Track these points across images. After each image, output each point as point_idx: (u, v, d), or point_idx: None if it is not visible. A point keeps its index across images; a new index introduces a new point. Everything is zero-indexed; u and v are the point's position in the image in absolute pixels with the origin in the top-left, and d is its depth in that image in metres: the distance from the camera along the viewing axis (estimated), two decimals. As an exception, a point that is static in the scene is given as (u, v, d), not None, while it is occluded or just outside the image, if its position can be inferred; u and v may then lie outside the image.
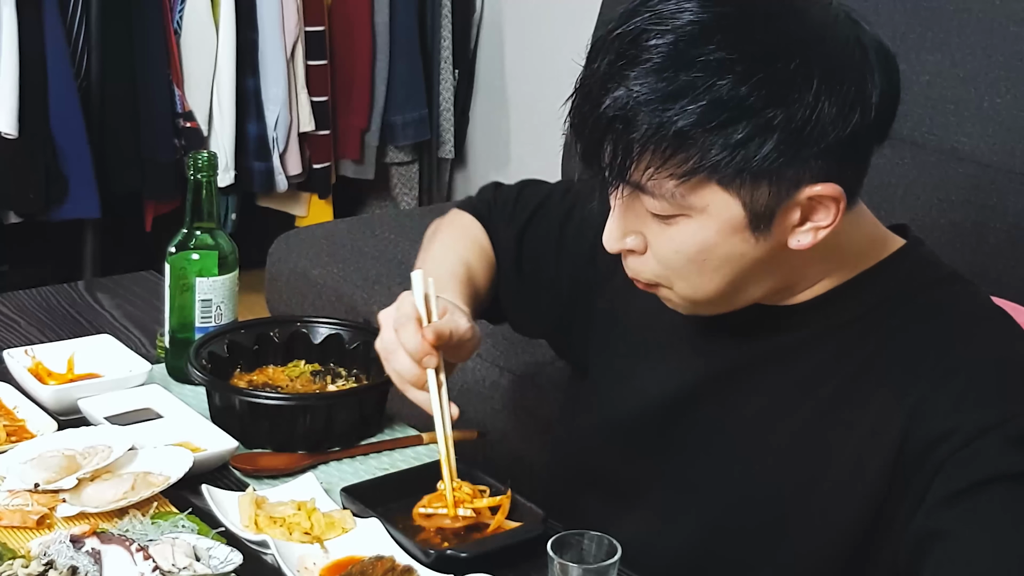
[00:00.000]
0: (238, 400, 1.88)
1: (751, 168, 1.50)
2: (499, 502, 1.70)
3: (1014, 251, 2.74)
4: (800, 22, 1.53)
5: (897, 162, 2.91)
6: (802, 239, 1.57)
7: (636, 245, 1.61)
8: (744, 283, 1.61)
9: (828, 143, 1.51)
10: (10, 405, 1.91)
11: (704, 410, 1.72)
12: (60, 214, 3.99)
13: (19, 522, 1.65)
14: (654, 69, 1.49)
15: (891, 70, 1.58)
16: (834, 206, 1.55)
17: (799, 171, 1.52)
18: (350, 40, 4.41)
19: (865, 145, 1.57)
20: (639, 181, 1.53)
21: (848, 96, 1.52)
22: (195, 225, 2.00)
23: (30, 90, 3.83)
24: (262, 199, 4.48)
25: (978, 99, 2.81)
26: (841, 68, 1.52)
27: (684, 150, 1.49)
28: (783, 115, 1.49)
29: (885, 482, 1.58)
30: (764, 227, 1.55)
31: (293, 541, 1.64)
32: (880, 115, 1.56)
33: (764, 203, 1.53)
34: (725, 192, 1.52)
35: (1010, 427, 1.52)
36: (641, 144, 1.50)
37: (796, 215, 1.55)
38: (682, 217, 1.55)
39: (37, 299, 2.32)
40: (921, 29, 2.93)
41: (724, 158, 1.49)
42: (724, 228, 1.55)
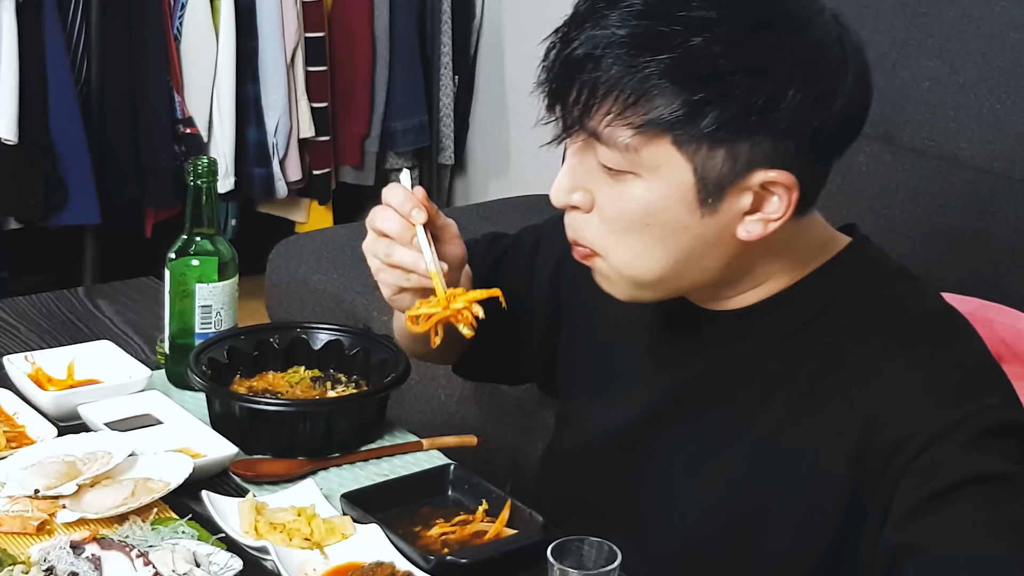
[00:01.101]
0: (238, 406, 1.88)
1: (708, 132, 1.50)
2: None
3: (1014, 257, 2.73)
4: (788, 4, 1.54)
5: (897, 168, 2.91)
6: (752, 228, 1.56)
7: (582, 201, 1.59)
8: (684, 265, 1.59)
9: (788, 128, 1.51)
10: (10, 411, 1.91)
11: (669, 428, 1.72)
12: (60, 220, 3.99)
13: (19, 528, 1.64)
14: (633, 14, 1.50)
15: (865, 81, 1.58)
16: (786, 196, 1.55)
17: (755, 150, 1.52)
18: (350, 46, 4.41)
19: (826, 146, 1.56)
20: (596, 127, 1.53)
21: (817, 90, 1.52)
22: (195, 231, 2.00)
23: (30, 96, 3.83)
24: (262, 205, 4.48)
25: (978, 105, 2.81)
26: (816, 61, 1.53)
27: (646, 100, 1.49)
28: (748, 86, 1.49)
29: (848, 491, 1.57)
30: (712, 202, 1.54)
31: (293, 547, 1.64)
32: (846, 119, 1.56)
33: (716, 175, 1.52)
34: (679, 152, 1.52)
35: (967, 428, 1.50)
36: (606, 86, 1.50)
37: (747, 200, 1.55)
38: (632, 176, 1.54)
39: (37, 305, 2.32)
40: (921, 35, 2.93)
41: (683, 115, 1.49)
42: (672, 193, 1.54)
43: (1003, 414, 1.53)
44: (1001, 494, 1.48)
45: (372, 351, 1.98)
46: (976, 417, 1.51)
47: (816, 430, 1.59)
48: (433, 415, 2.95)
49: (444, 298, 1.71)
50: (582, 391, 1.86)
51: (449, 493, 1.78)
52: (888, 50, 2.97)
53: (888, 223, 2.90)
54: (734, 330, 1.67)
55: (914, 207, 2.87)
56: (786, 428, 1.62)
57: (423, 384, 2.96)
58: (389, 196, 1.75)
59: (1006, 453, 1.50)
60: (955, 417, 1.51)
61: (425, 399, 2.97)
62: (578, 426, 1.85)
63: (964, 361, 1.59)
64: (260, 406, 1.87)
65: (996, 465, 1.49)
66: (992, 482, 1.48)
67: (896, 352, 1.58)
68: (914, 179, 2.89)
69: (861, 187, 2.96)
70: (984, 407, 1.52)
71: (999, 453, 1.50)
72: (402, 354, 1.95)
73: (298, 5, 4.24)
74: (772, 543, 1.63)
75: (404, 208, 1.74)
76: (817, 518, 1.59)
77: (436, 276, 1.72)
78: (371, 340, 2.01)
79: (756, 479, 1.64)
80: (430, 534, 1.69)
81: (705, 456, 1.68)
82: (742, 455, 1.65)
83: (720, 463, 1.66)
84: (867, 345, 1.60)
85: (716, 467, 1.67)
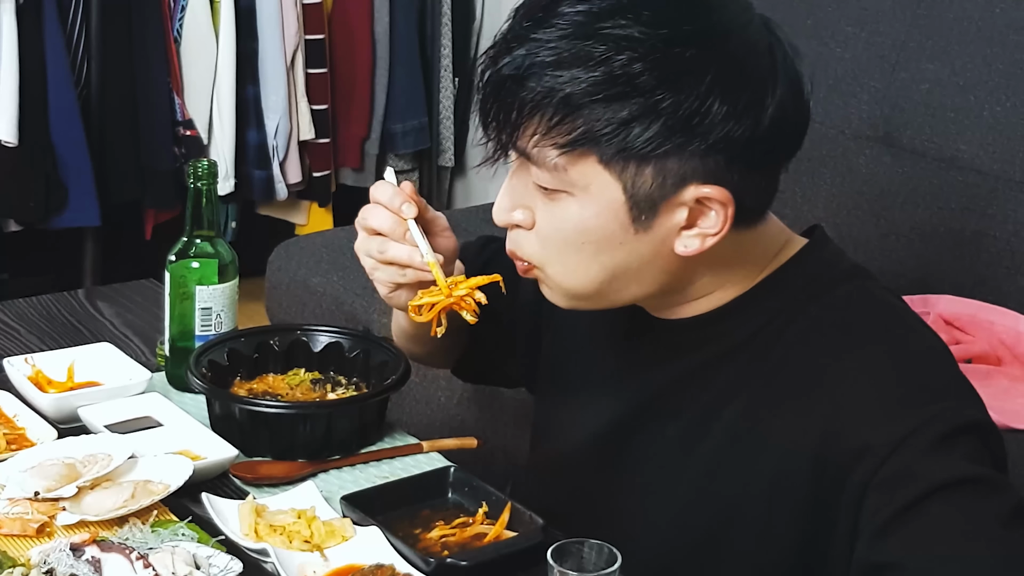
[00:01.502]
0: (238, 408, 1.88)
1: (633, 149, 1.50)
2: None
3: (1014, 259, 2.74)
4: (711, 15, 1.53)
5: (897, 170, 2.91)
6: (689, 244, 1.56)
7: (523, 220, 1.60)
8: (622, 280, 1.59)
9: (716, 142, 1.51)
10: (10, 413, 1.91)
11: (636, 437, 1.72)
12: (60, 222, 3.99)
13: (19, 530, 1.64)
14: (557, 35, 1.50)
15: (798, 89, 1.57)
16: (722, 211, 1.54)
17: (684, 165, 1.51)
18: (350, 48, 4.41)
19: (761, 158, 1.55)
20: (526, 148, 1.54)
21: (742, 101, 1.51)
22: (195, 233, 2.00)
23: (30, 98, 3.83)
24: (262, 207, 4.48)
25: (978, 107, 2.82)
26: (741, 72, 1.52)
27: (570, 118, 1.50)
28: (671, 101, 1.49)
29: (809, 501, 1.56)
30: (646, 219, 1.54)
31: (293, 549, 1.63)
32: (778, 129, 1.54)
33: (646, 192, 1.52)
34: (607, 171, 1.52)
35: (924, 434, 1.49)
36: (531, 106, 1.51)
37: (682, 215, 1.54)
38: (565, 194, 1.55)
39: (37, 307, 2.31)
40: (921, 38, 2.93)
41: (607, 133, 1.50)
42: (604, 212, 1.54)
43: (960, 415, 1.52)
44: (971, 499, 1.47)
45: (372, 353, 1.98)
46: (932, 423, 1.49)
47: (771, 439, 1.58)
48: (433, 417, 2.95)
49: (445, 286, 1.72)
50: (558, 399, 1.86)
51: (449, 495, 1.78)
52: (888, 52, 2.98)
53: (888, 225, 2.90)
54: (689, 339, 1.66)
55: (914, 209, 2.88)
56: (742, 437, 1.61)
57: (423, 386, 2.96)
58: (377, 193, 1.77)
59: (969, 455, 1.49)
60: (910, 425, 1.49)
61: (425, 401, 2.97)
62: (554, 434, 1.86)
63: (914, 362, 1.57)
64: (260, 408, 1.87)
65: (961, 470, 1.48)
66: (960, 488, 1.47)
67: (843, 357, 1.57)
68: (914, 181, 2.89)
69: (861, 189, 2.97)
70: (939, 411, 1.51)
71: (962, 456, 1.49)
72: (402, 356, 1.95)
73: (298, 7, 4.24)
74: (737, 552, 1.62)
75: (393, 204, 1.75)
76: (779, 527, 1.59)
77: (434, 265, 1.72)
78: (371, 342, 2.01)
79: (716, 488, 1.63)
80: (430, 536, 1.69)
81: (670, 465, 1.68)
82: (702, 464, 1.64)
83: (683, 472, 1.66)
84: (814, 352, 1.58)
85: (680, 476, 1.67)
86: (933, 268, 2.85)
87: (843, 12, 3.09)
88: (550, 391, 1.89)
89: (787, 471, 1.57)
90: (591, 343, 1.80)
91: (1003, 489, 1.50)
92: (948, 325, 2.75)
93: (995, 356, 2.71)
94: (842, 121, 3.03)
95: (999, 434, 1.57)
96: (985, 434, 1.54)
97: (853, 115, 3.01)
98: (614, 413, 1.74)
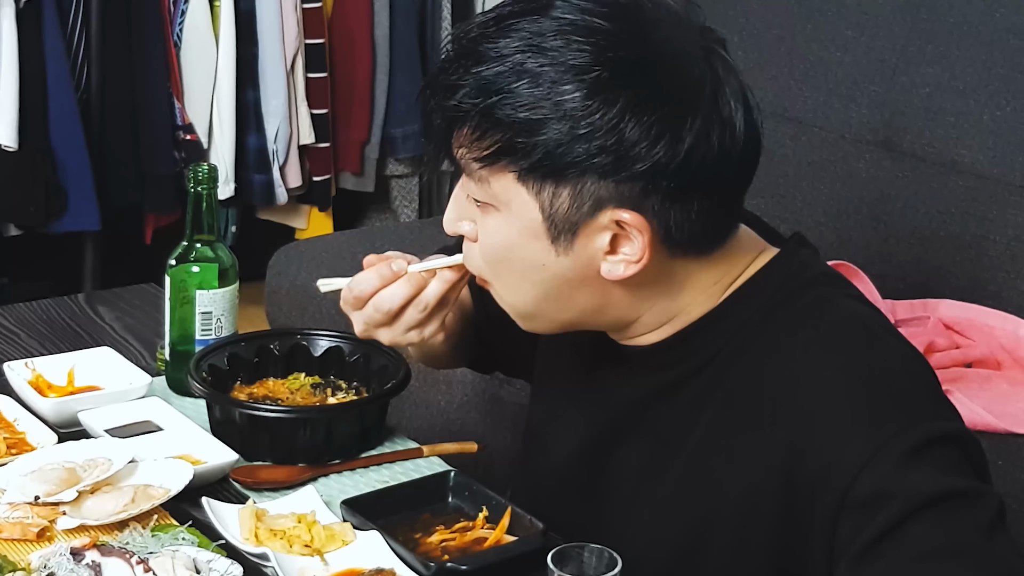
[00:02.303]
0: (238, 413, 1.88)
1: (547, 169, 1.51)
2: None
3: (1014, 263, 2.74)
4: (640, 41, 1.53)
5: (897, 174, 2.91)
6: (613, 269, 1.56)
7: (469, 231, 1.63)
8: (556, 302, 1.60)
9: (631, 166, 1.50)
10: (10, 418, 1.91)
11: (605, 461, 1.72)
12: (60, 227, 3.98)
13: (19, 535, 1.64)
14: (495, 53, 1.53)
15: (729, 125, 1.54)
16: (640, 238, 1.53)
17: (600, 188, 1.52)
18: (350, 53, 4.41)
19: (681, 186, 1.52)
20: (459, 158, 1.58)
21: (656, 130, 1.50)
22: (195, 238, 2.00)
23: (30, 103, 3.83)
24: (262, 212, 4.48)
25: (978, 112, 2.82)
26: (660, 97, 1.51)
27: (490, 132, 1.53)
28: (586, 123, 1.50)
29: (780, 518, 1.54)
30: (565, 240, 1.55)
31: (293, 554, 1.64)
32: (699, 160, 1.52)
33: (563, 214, 1.53)
34: (523, 188, 1.54)
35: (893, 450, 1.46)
36: (457, 117, 1.55)
37: (604, 239, 1.54)
38: (492, 208, 1.57)
39: (37, 312, 2.32)
40: (921, 42, 2.93)
41: (519, 151, 1.52)
42: (524, 231, 1.56)
43: (929, 427, 1.49)
44: (949, 515, 1.45)
45: (372, 357, 1.98)
46: (900, 437, 1.47)
47: (739, 457, 1.57)
48: (433, 422, 2.95)
49: None
50: (540, 415, 1.87)
51: (449, 500, 1.78)
52: (888, 56, 2.98)
53: (888, 229, 2.90)
54: (653, 362, 1.66)
55: (914, 213, 2.88)
56: (710, 456, 1.60)
57: (423, 390, 2.96)
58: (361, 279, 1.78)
59: (942, 466, 1.47)
60: (877, 441, 1.47)
61: (425, 406, 2.97)
62: (535, 454, 1.86)
63: (877, 375, 1.54)
64: (260, 413, 1.87)
65: (938, 484, 1.46)
66: (937, 505, 1.45)
67: (806, 370, 1.55)
68: (914, 185, 2.89)
69: (861, 193, 2.97)
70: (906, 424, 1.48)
71: (936, 469, 1.47)
72: (402, 360, 1.95)
73: (298, 11, 4.24)
74: (712, 570, 1.61)
75: (383, 271, 1.75)
76: (752, 544, 1.57)
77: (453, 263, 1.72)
78: (371, 347, 2.01)
79: (688, 507, 1.62)
80: (430, 541, 1.69)
81: (641, 486, 1.68)
82: (672, 484, 1.64)
83: (654, 492, 1.66)
84: (776, 367, 1.57)
85: (651, 496, 1.66)
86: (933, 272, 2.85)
87: (843, 16, 3.09)
88: (537, 403, 1.90)
89: (756, 488, 1.56)
90: (572, 356, 1.79)
91: (981, 497, 1.48)
92: (948, 329, 2.75)
93: (995, 360, 2.71)
94: (842, 125, 3.03)
95: (976, 441, 1.55)
96: (961, 443, 1.52)
97: (853, 119, 3.01)
98: (586, 434, 1.74)
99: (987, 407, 2.50)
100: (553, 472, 1.80)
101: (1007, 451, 2.41)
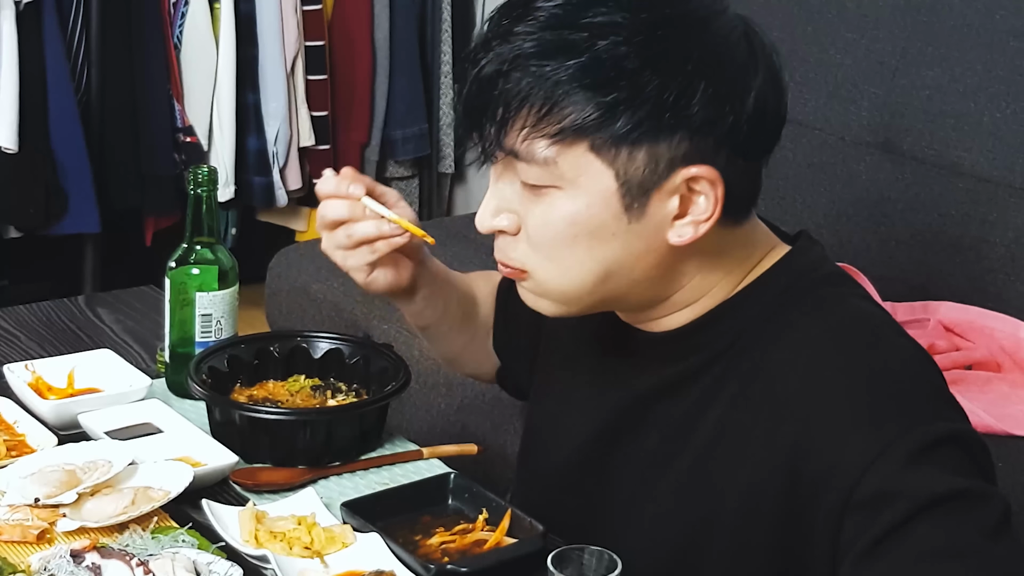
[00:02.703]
0: (238, 415, 1.88)
1: (624, 134, 1.50)
2: None
3: (1014, 266, 2.74)
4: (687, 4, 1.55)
5: (897, 177, 2.92)
6: (683, 232, 1.56)
7: (508, 225, 1.60)
8: (615, 278, 1.58)
9: (703, 125, 1.51)
10: (10, 420, 1.91)
11: (614, 452, 1.71)
12: (60, 229, 3.98)
13: (19, 537, 1.64)
14: (538, 26, 1.51)
15: (777, 80, 1.58)
16: (712, 193, 1.54)
17: (674, 149, 1.52)
18: (350, 55, 4.42)
19: (746, 142, 1.55)
20: (514, 145, 1.54)
21: (726, 85, 1.52)
22: (195, 240, 2.00)
23: (30, 105, 3.83)
24: (262, 214, 4.49)
25: (978, 114, 2.82)
26: (721, 57, 1.53)
27: (558, 108, 1.50)
28: (657, 83, 1.50)
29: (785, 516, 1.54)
30: (638, 207, 1.54)
31: (293, 556, 1.63)
32: (760, 115, 1.55)
33: (639, 179, 1.53)
34: (598, 159, 1.52)
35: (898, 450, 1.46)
36: (517, 100, 1.52)
37: (674, 204, 1.55)
38: (554, 189, 1.55)
39: (37, 314, 2.32)
40: (921, 44, 2.94)
41: (597, 119, 1.50)
42: (596, 200, 1.54)
43: (935, 427, 1.49)
44: (953, 516, 1.45)
45: (372, 360, 1.98)
46: (905, 438, 1.47)
47: (745, 452, 1.57)
48: (433, 424, 2.95)
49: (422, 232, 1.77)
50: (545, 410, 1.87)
51: (449, 502, 1.78)
52: (888, 58, 2.98)
53: (888, 232, 2.91)
54: (667, 351, 1.66)
55: (914, 215, 2.88)
56: (717, 449, 1.60)
57: (423, 393, 2.96)
58: (323, 187, 1.80)
59: (947, 467, 1.47)
60: (882, 441, 1.47)
61: (425, 408, 2.97)
62: (540, 446, 1.86)
63: (883, 374, 1.54)
64: (260, 415, 1.87)
65: (942, 485, 1.45)
66: (941, 505, 1.44)
67: (812, 369, 1.55)
68: (914, 187, 2.89)
69: (861, 195, 2.97)
70: (911, 424, 1.48)
71: (941, 469, 1.46)
72: (402, 363, 1.95)
73: (298, 14, 4.24)
74: (715, 564, 1.61)
75: (341, 189, 1.77)
76: (755, 540, 1.57)
77: (403, 222, 1.75)
78: (371, 349, 2.01)
79: (693, 501, 1.62)
80: (430, 543, 1.69)
81: (649, 477, 1.67)
82: (678, 476, 1.64)
83: (660, 484, 1.66)
84: (786, 364, 1.57)
85: (658, 488, 1.66)
86: (933, 274, 2.85)
87: (843, 18, 3.09)
88: (538, 403, 1.90)
89: (761, 484, 1.56)
90: (575, 355, 1.80)
91: (987, 499, 1.47)
92: (948, 331, 2.75)
93: (995, 362, 2.71)
94: (842, 128, 3.03)
95: (982, 442, 1.55)
96: (966, 443, 1.52)
97: (853, 121, 3.02)
98: (595, 425, 1.74)
99: (987, 409, 2.50)
100: (555, 471, 1.80)
101: (1007, 453, 2.41)
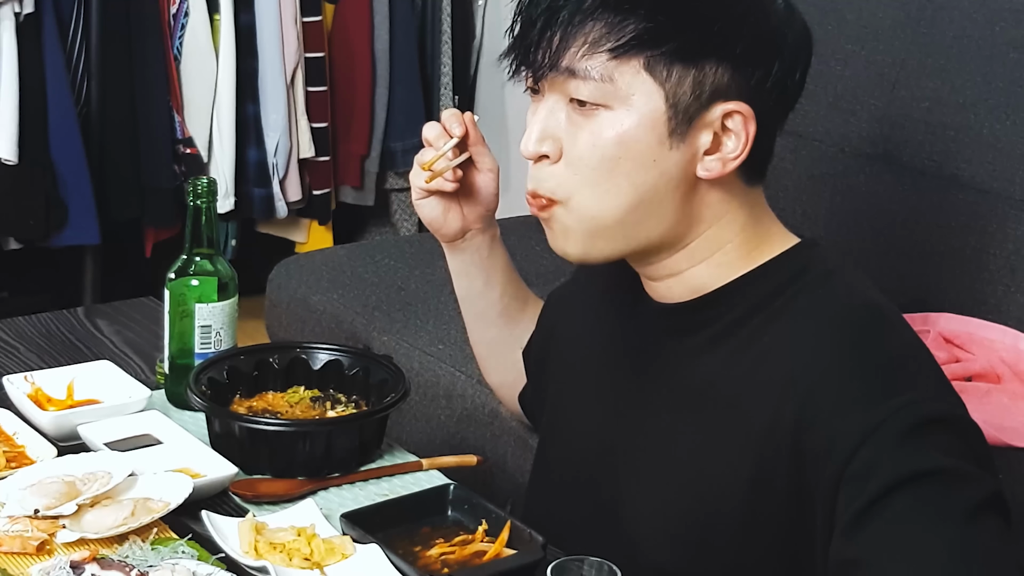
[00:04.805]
0: (238, 426, 1.88)
1: (676, 51, 1.57)
2: None
3: (1014, 277, 2.73)
4: None
5: (897, 188, 2.91)
6: (711, 167, 1.62)
7: (551, 150, 1.64)
8: (646, 208, 1.63)
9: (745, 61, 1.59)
10: (9, 431, 1.91)
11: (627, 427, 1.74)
12: (60, 240, 3.99)
13: (19, 548, 1.64)
14: None
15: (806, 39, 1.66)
16: (743, 131, 1.60)
17: (717, 80, 1.59)
18: (350, 66, 4.42)
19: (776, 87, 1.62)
20: (572, 63, 1.59)
21: (768, 28, 1.61)
22: (195, 251, 2.00)
23: (30, 116, 3.84)
24: (262, 225, 4.49)
25: (978, 125, 2.81)
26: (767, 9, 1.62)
27: (620, 26, 1.57)
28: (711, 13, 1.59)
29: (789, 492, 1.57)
30: (680, 132, 1.60)
31: (293, 567, 1.63)
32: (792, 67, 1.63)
33: (685, 103, 1.59)
34: (651, 78, 1.58)
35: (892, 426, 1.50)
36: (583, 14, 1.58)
37: (708, 138, 1.61)
38: (604, 109, 1.60)
39: (37, 325, 2.32)
40: (921, 56, 2.93)
41: (653, 35, 1.57)
42: (644, 122, 1.60)
43: (929, 407, 1.53)
44: (937, 491, 1.48)
45: (372, 371, 1.98)
46: (901, 414, 1.51)
47: (752, 427, 1.60)
48: (433, 435, 2.94)
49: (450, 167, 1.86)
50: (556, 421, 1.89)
51: (449, 513, 1.78)
52: (888, 70, 2.98)
53: (888, 243, 2.90)
54: (681, 322, 1.70)
55: (914, 227, 2.87)
56: (725, 425, 1.63)
57: (423, 404, 2.96)
58: (443, 113, 1.86)
59: (939, 446, 1.51)
60: (879, 416, 1.51)
61: (425, 419, 2.97)
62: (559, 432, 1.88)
63: (885, 356, 1.59)
64: (260, 426, 1.87)
65: (930, 461, 1.49)
66: (926, 479, 1.48)
67: (816, 350, 1.59)
68: (914, 199, 2.89)
69: (861, 207, 2.96)
70: (907, 402, 1.52)
71: (932, 447, 1.50)
72: (402, 374, 1.95)
73: (298, 25, 4.24)
74: (723, 540, 1.63)
75: (448, 121, 1.84)
76: (761, 516, 1.60)
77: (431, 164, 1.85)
78: (371, 360, 2.01)
79: (702, 476, 1.65)
80: (430, 554, 1.69)
81: (660, 457, 1.70)
82: (687, 451, 1.66)
83: (668, 466, 1.68)
84: (796, 342, 1.61)
85: (666, 469, 1.69)
86: (933, 286, 2.85)
87: (843, 30, 3.09)
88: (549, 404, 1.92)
89: (767, 460, 1.59)
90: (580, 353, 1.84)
91: (973, 481, 1.51)
92: (948, 343, 2.75)
93: (995, 374, 2.71)
94: (842, 139, 3.03)
95: (977, 429, 1.58)
96: (960, 427, 1.56)
97: (853, 133, 3.01)
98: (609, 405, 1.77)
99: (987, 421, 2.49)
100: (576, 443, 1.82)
101: (1008, 465, 2.40)
